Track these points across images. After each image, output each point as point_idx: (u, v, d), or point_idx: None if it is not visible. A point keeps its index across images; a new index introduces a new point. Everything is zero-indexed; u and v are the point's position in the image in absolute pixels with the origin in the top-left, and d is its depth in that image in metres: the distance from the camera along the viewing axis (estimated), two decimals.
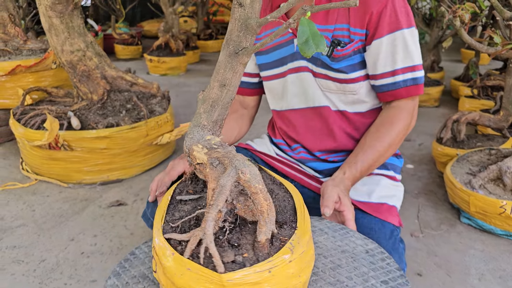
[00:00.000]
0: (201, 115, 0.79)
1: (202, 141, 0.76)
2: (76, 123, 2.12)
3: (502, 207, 1.69)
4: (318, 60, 1.16)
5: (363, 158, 1.10)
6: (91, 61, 2.29)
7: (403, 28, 1.09)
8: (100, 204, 2.03)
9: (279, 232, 0.70)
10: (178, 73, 4.71)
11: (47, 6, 2.08)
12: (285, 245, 0.66)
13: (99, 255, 1.66)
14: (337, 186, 1.04)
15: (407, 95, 1.13)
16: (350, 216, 0.99)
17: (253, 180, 0.66)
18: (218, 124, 0.81)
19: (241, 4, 0.70)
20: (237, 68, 0.76)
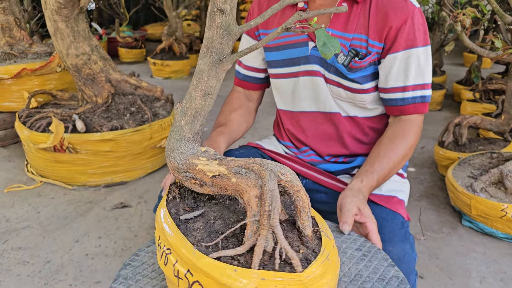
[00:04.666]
0: (183, 127, 0.76)
1: (200, 154, 0.75)
2: (81, 126, 2.14)
3: (503, 210, 1.71)
4: (332, 67, 1.17)
5: (379, 168, 1.09)
6: (96, 64, 2.31)
7: (418, 46, 1.10)
8: (104, 206, 2.05)
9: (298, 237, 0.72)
10: (182, 76, 4.74)
11: (53, 10, 2.10)
12: (321, 234, 0.70)
13: (104, 257, 1.68)
14: (355, 196, 1.00)
15: (414, 111, 1.14)
16: (373, 228, 0.95)
17: (294, 179, 0.68)
18: (199, 134, 0.79)
19: (222, 11, 0.70)
20: (221, 75, 0.74)
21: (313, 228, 0.71)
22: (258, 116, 3.21)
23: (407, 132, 1.13)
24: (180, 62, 4.64)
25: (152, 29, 7.46)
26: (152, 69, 4.72)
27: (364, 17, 1.12)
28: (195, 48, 5.43)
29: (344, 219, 0.94)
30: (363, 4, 1.12)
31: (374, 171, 1.08)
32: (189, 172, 0.73)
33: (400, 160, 1.12)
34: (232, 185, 0.69)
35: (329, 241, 0.68)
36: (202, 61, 0.73)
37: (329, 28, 1.14)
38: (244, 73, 1.35)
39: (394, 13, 1.09)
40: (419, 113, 1.15)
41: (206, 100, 0.75)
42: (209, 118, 3.31)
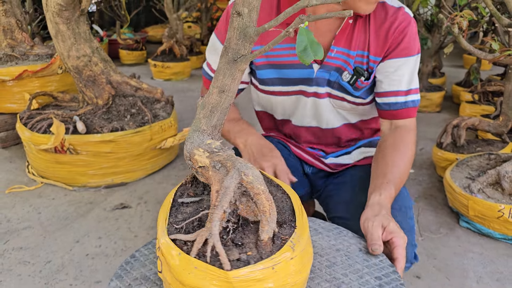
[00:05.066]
0: (201, 120, 0.81)
1: (202, 145, 0.79)
2: (81, 127, 2.16)
3: (500, 211, 1.72)
4: (336, 84, 1.18)
5: (393, 177, 1.08)
6: (97, 66, 2.33)
7: (414, 54, 1.14)
8: (104, 207, 2.07)
9: (280, 231, 0.73)
10: (182, 78, 4.76)
11: (54, 13, 2.12)
12: (286, 243, 0.68)
13: (104, 257, 1.70)
14: (377, 215, 0.96)
15: (407, 116, 1.17)
16: (400, 242, 0.90)
17: (256, 181, 0.69)
18: (217, 128, 0.83)
19: (239, 14, 0.73)
20: (236, 75, 0.78)
21: (282, 236, 0.71)
22: None
23: (406, 139, 1.15)
24: (180, 64, 4.66)
25: (153, 31, 7.48)
26: (153, 71, 4.74)
27: (365, 33, 1.14)
28: (196, 50, 5.46)
29: (372, 243, 0.90)
30: (363, 20, 1.14)
31: (389, 181, 1.07)
32: (190, 161, 0.78)
33: (408, 166, 1.13)
34: (209, 177, 0.74)
35: (290, 252, 0.67)
36: (220, 60, 0.77)
37: (334, 46, 1.14)
38: None
39: (394, 28, 1.12)
40: (412, 117, 1.18)
41: (221, 96, 0.79)
42: None
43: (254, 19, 0.73)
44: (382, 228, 0.92)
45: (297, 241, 0.69)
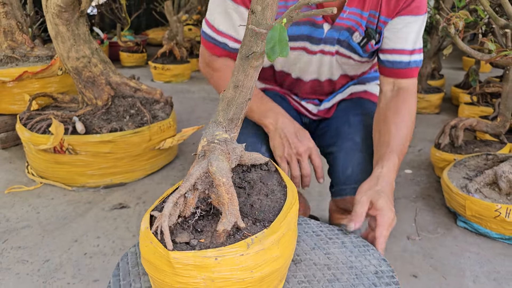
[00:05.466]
0: (219, 112, 0.86)
1: (209, 135, 0.83)
2: (80, 128, 2.17)
3: (497, 210, 1.72)
4: (345, 43, 1.19)
5: (395, 145, 1.08)
6: (96, 67, 2.34)
7: (424, 13, 1.16)
8: (103, 207, 2.07)
9: (249, 227, 0.75)
10: (182, 80, 4.77)
11: (54, 14, 2.14)
12: (244, 239, 0.70)
13: (102, 256, 1.70)
14: (370, 189, 0.97)
15: (411, 75, 1.19)
16: (383, 222, 0.91)
17: (218, 173, 0.72)
18: (234, 122, 0.86)
19: (253, 12, 0.75)
20: (248, 71, 0.81)
21: (246, 233, 0.72)
22: None
23: (408, 102, 1.17)
24: (180, 66, 4.68)
25: (154, 33, 7.51)
26: (153, 73, 4.75)
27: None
28: (196, 52, 5.47)
29: (351, 216, 0.92)
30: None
31: (392, 150, 1.07)
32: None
33: (410, 130, 1.16)
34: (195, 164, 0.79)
35: (243, 248, 0.68)
36: (237, 57, 0.81)
37: (347, 7, 1.14)
38: (234, 46, 1.24)
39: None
40: (414, 77, 1.20)
41: (236, 91, 0.83)
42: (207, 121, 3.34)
43: (268, 17, 0.75)
44: (370, 203, 0.94)
45: (258, 241, 0.70)
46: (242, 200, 0.87)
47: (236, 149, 0.84)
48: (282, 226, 0.73)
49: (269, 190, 0.84)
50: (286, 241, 0.74)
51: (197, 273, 0.67)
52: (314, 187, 2.24)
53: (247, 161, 0.90)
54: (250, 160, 0.91)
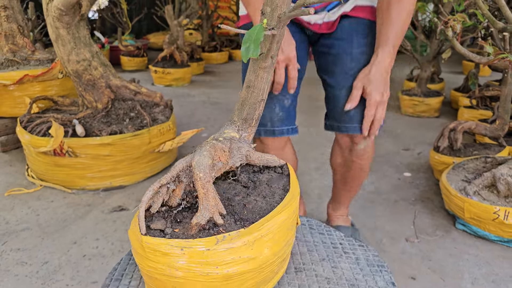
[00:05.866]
0: (235, 112, 0.91)
1: (219, 133, 0.88)
2: (80, 130, 2.18)
3: (496, 213, 1.72)
4: None
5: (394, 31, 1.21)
6: (96, 70, 2.35)
7: None
8: (103, 209, 2.08)
9: (227, 225, 0.76)
10: (183, 84, 4.79)
11: (54, 17, 2.15)
12: (216, 235, 0.72)
13: (101, 258, 1.71)
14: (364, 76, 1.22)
15: None
16: (369, 103, 1.21)
17: (196, 168, 0.75)
18: (248, 122, 0.90)
19: (263, 13, 0.77)
20: (258, 72, 0.84)
21: (220, 230, 0.74)
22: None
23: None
24: (181, 70, 4.69)
25: (155, 38, 7.54)
26: (153, 77, 4.77)
27: None
28: (196, 57, 5.49)
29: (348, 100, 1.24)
30: None
31: (389, 37, 1.22)
32: None
33: (409, 16, 1.25)
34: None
35: (210, 244, 0.70)
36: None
37: None
38: None
39: None
40: None
41: (248, 91, 0.87)
42: (213, 123, 3.34)
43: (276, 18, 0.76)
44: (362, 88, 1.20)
45: (229, 239, 0.71)
46: (239, 198, 0.87)
47: (241, 149, 0.86)
48: (262, 229, 0.74)
49: (270, 193, 0.85)
50: (267, 244, 0.74)
51: (164, 260, 0.71)
52: (312, 189, 2.25)
53: (257, 162, 0.91)
54: (261, 161, 0.92)
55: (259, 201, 0.83)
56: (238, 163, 0.90)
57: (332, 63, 1.39)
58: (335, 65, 1.38)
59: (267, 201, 0.83)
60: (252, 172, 0.93)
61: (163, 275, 0.72)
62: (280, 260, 0.80)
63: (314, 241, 1.03)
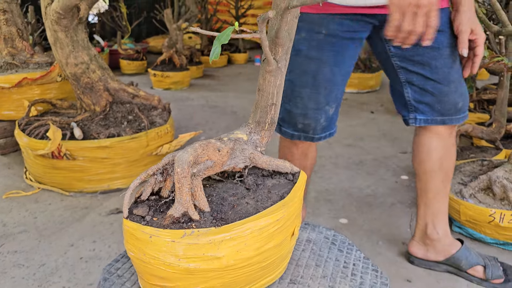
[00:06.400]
0: (251, 114, 0.94)
1: (227, 133, 0.93)
2: (78, 133, 2.19)
3: (491, 215, 1.73)
4: None
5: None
6: (95, 73, 2.37)
7: None
8: (100, 212, 2.08)
9: (202, 222, 0.80)
10: (182, 87, 4.80)
11: (53, 21, 2.16)
12: (185, 229, 0.77)
13: (97, 260, 1.71)
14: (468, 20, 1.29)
15: None
16: (480, 42, 1.30)
17: (176, 163, 0.80)
18: (261, 125, 0.93)
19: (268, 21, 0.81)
20: (265, 76, 0.88)
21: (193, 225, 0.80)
22: None
23: None
24: (180, 74, 4.70)
25: (154, 41, 7.56)
26: (153, 80, 4.78)
27: None
28: (196, 60, 5.51)
29: (460, 47, 1.30)
30: None
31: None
32: None
33: None
34: None
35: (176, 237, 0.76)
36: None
37: None
38: None
39: None
40: None
41: (259, 94, 0.91)
42: (211, 127, 3.35)
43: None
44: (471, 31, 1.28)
45: (195, 236, 0.75)
46: (233, 199, 0.88)
47: (245, 151, 0.88)
48: (235, 231, 0.76)
49: (266, 198, 0.86)
50: (238, 247, 0.77)
51: (137, 244, 0.78)
52: (309, 192, 2.25)
53: (265, 166, 0.93)
54: (270, 166, 0.93)
55: (249, 204, 0.84)
56: (242, 164, 0.91)
57: (431, 57, 1.35)
58: (435, 59, 1.35)
59: (257, 205, 0.84)
60: (261, 175, 0.94)
61: (136, 258, 0.80)
62: (259, 266, 0.81)
63: (328, 256, 1.03)
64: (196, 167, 0.87)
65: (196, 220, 0.80)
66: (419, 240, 1.64)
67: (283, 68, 0.86)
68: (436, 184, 1.54)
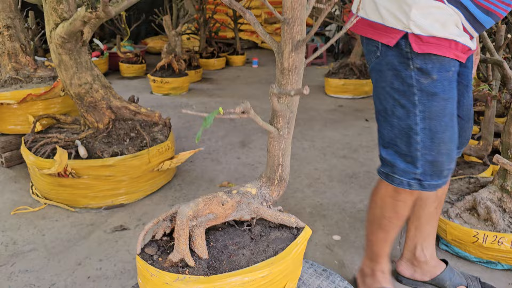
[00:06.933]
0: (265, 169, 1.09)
1: (239, 186, 1.06)
2: (83, 152, 2.28)
3: (475, 236, 1.83)
4: None
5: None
6: (98, 93, 2.45)
7: None
8: (105, 229, 2.18)
9: (196, 268, 0.92)
10: (181, 92, 4.88)
11: (57, 44, 2.25)
12: (179, 274, 0.91)
13: (104, 279, 1.81)
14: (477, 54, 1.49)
15: None
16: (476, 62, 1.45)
17: (177, 215, 0.95)
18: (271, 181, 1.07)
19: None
20: (269, 140, 1.00)
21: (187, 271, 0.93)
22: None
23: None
24: (179, 80, 4.79)
25: (153, 42, 7.63)
26: (152, 86, 4.86)
27: None
28: (194, 64, 5.58)
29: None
30: None
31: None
32: None
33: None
34: None
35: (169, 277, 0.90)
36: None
37: None
38: None
39: None
40: None
41: (267, 154, 1.03)
42: (210, 136, 3.44)
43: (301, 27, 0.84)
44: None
45: (186, 282, 0.89)
46: (233, 248, 0.98)
47: (250, 204, 0.98)
48: (218, 282, 0.88)
49: (261, 251, 0.96)
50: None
51: (142, 278, 0.93)
52: (304, 207, 2.35)
53: (270, 219, 1.03)
54: (276, 219, 1.03)
55: (244, 256, 0.94)
56: (247, 216, 1.02)
57: (461, 94, 1.40)
58: (463, 96, 1.43)
59: (251, 258, 0.94)
60: (268, 226, 1.04)
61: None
62: None
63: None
64: (196, 220, 0.97)
65: (190, 266, 0.93)
66: (407, 261, 1.74)
67: (285, 135, 0.95)
68: (430, 211, 1.64)
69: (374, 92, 1.38)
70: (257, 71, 6.30)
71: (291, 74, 0.83)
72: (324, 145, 3.25)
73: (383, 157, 1.37)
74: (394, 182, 1.36)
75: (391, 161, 1.34)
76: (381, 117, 1.35)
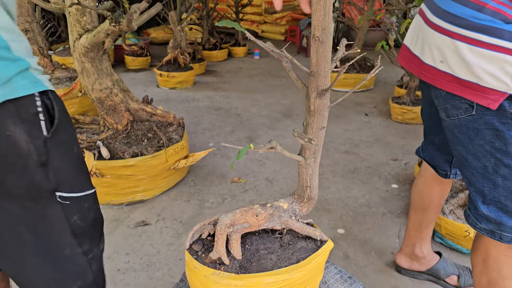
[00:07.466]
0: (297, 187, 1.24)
1: (273, 200, 1.23)
2: (106, 153, 2.46)
3: (467, 231, 2.04)
4: None
5: None
6: (117, 96, 2.62)
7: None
8: (128, 224, 2.38)
9: (230, 266, 1.12)
10: (186, 86, 5.04)
11: (81, 53, 2.41)
12: (215, 269, 1.11)
13: (133, 272, 2.01)
14: None
15: None
16: None
17: (218, 222, 1.13)
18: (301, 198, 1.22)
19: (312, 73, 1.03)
20: (298, 166, 1.18)
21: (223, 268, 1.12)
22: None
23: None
24: (185, 74, 4.94)
25: (155, 33, 7.74)
26: (159, 80, 5.02)
27: None
28: (198, 57, 5.73)
29: None
30: None
31: None
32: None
33: None
34: None
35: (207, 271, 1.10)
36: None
37: None
38: None
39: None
40: None
41: (298, 175, 1.22)
42: (218, 132, 3.62)
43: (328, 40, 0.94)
44: None
45: (220, 277, 1.09)
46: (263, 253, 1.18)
47: (281, 217, 1.17)
48: (246, 280, 1.07)
49: (286, 258, 1.15)
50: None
51: (188, 270, 1.15)
52: None
53: (298, 231, 1.21)
54: (303, 231, 1.21)
55: (271, 261, 1.14)
56: (278, 226, 1.21)
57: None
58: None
59: (276, 263, 1.13)
60: (296, 237, 1.23)
61: (188, 279, 1.17)
62: None
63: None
64: (233, 227, 1.16)
65: (225, 264, 1.13)
66: (406, 254, 1.95)
67: (312, 163, 1.12)
68: (431, 217, 1.84)
69: (467, 148, 1.30)
70: (259, 63, 6.45)
71: (316, 115, 1.01)
72: (327, 140, 3.43)
73: (486, 215, 1.30)
74: (503, 240, 1.27)
75: (497, 219, 1.27)
76: (479, 174, 1.29)
